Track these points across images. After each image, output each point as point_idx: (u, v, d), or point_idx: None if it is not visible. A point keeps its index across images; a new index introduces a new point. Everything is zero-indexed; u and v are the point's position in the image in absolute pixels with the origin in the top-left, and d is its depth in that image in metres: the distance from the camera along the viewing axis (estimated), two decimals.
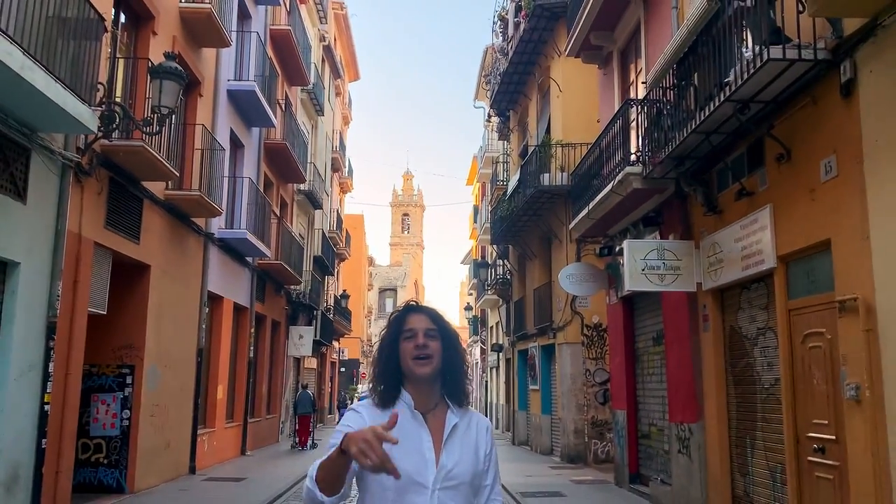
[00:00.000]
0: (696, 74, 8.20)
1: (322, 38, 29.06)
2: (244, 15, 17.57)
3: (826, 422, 6.50)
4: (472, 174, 44.77)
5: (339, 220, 35.59)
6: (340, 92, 35.61)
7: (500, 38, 22.82)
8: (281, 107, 20.42)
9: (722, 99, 7.09)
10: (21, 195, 7.97)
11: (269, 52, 19.05)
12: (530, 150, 18.99)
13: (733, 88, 6.83)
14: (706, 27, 7.73)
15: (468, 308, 38.02)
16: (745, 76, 6.58)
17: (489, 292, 28.74)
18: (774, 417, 7.56)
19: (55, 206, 8.68)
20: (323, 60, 29.61)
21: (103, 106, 9.02)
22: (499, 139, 27.69)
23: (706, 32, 7.77)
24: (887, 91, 5.58)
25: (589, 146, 13.10)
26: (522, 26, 18.77)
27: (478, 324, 38.21)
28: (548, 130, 18.56)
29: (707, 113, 7.48)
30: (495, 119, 26.85)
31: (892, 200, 5.51)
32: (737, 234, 8.15)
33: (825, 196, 6.41)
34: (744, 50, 6.77)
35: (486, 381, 35.56)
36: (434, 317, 2.33)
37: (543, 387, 19.53)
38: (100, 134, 8.84)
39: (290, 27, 20.50)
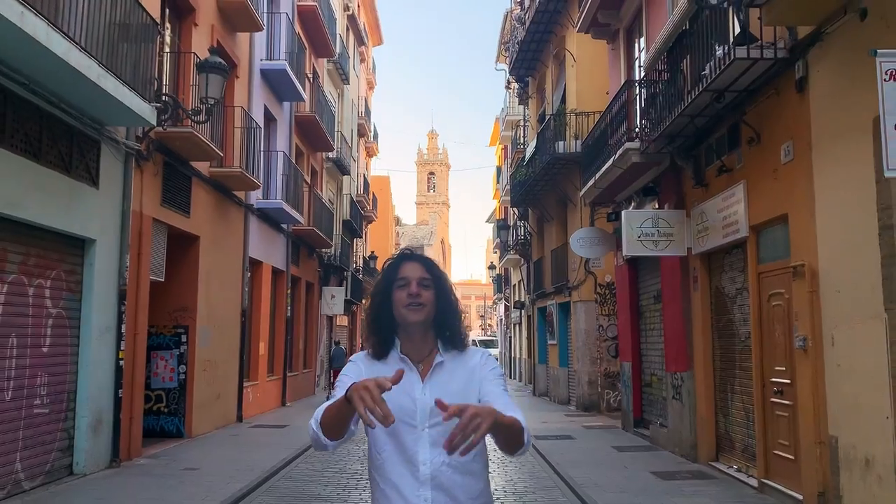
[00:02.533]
0: (684, 61, 9.17)
1: (346, 8, 29.90)
2: None
3: (784, 368, 7.64)
4: (494, 135, 45.58)
5: (366, 184, 36.79)
6: (365, 58, 36.48)
7: (518, 8, 23.53)
8: (309, 80, 21.50)
9: (700, 89, 8.10)
10: (94, 182, 9.25)
11: (297, 29, 20.08)
12: (547, 116, 19.92)
13: (709, 81, 7.83)
14: (690, 21, 8.69)
15: (492, 267, 39.28)
16: (718, 71, 7.58)
17: (511, 252, 29.89)
18: (748, 366, 8.69)
19: (121, 189, 9.96)
20: (347, 29, 30.49)
21: (157, 98, 10.20)
22: (519, 104, 28.51)
23: (691, 25, 8.73)
24: (830, 89, 6.56)
25: (601, 114, 14.03)
26: None
27: (501, 282, 39.46)
28: (563, 99, 19.42)
29: (689, 100, 8.48)
30: (515, 85, 27.63)
31: (832, 183, 6.53)
32: (719, 205, 9.19)
33: (785, 176, 7.44)
34: (716, 47, 7.74)
35: (510, 337, 36.93)
36: (428, 266, 2.31)
37: (561, 341, 20.77)
38: (156, 124, 10.03)
39: (315, 3, 21.44)
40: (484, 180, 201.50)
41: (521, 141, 26.68)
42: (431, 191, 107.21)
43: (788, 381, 7.52)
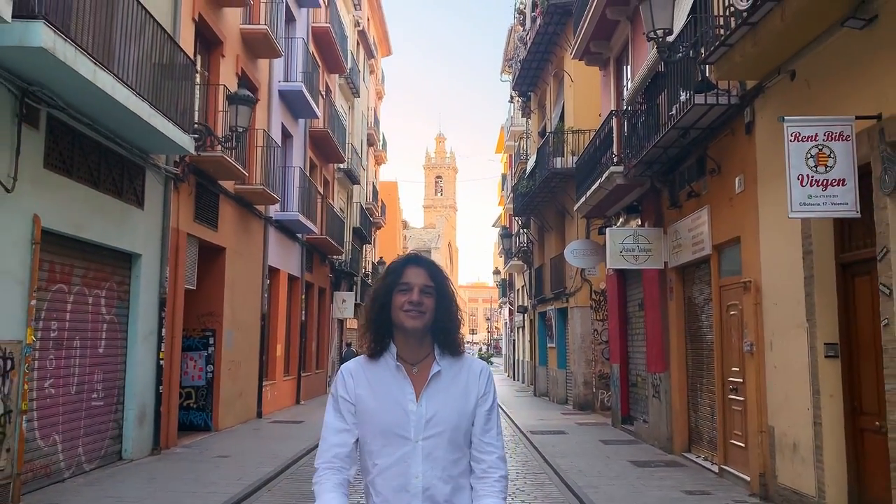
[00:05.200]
0: (660, 97, 10.40)
1: (357, 24, 31.20)
2: (290, 18, 19.89)
3: (738, 369, 8.87)
4: (500, 143, 46.81)
5: (375, 192, 38.08)
6: (374, 70, 37.79)
7: (521, 28, 24.78)
8: (322, 96, 22.81)
9: (669, 126, 9.34)
10: (140, 203, 10.56)
11: (311, 49, 21.39)
12: (548, 132, 21.16)
13: (675, 120, 9.08)
14: (664, 63, 9.91)
15: (496, 272, 40.49)
16: (682, 113, 8.83)
17: (514, 259, 31.14)
18: (713, 367, 9.92)
19: (161, 208, 11.26)
20: (358, 44, 31.79)
21: (193, 129, 11.49)
22: (522, 116, 29.76)
23: (665, 67, 9.95)
24: (770, 134, 7.77)
25: (594, 133, 15.23)
26: (538, 21, 20.78)
27: (506, 286, 40.69)
28: (562, 116, 20.65)
29: (661, 134, 9.72)
30: (518, 99, 28.88)
31: (772, 213, 7.74)
32: (689, 225, 10.42)
33: (738, 204, 8.67)
34: (681, 92, 8.99)
35: (514, 340, 38.15)
36: (433, 272, 2.28)
37: (559, 344, 22.01)
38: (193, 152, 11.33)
39: (329, 24, 22.76)
40: (492, 182, 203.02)
41: (524, 152, 27.92)
42: (439, 194, 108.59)
43: (741, 380, 8.75)
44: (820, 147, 5.91)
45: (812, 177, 5.90)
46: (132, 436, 10.39)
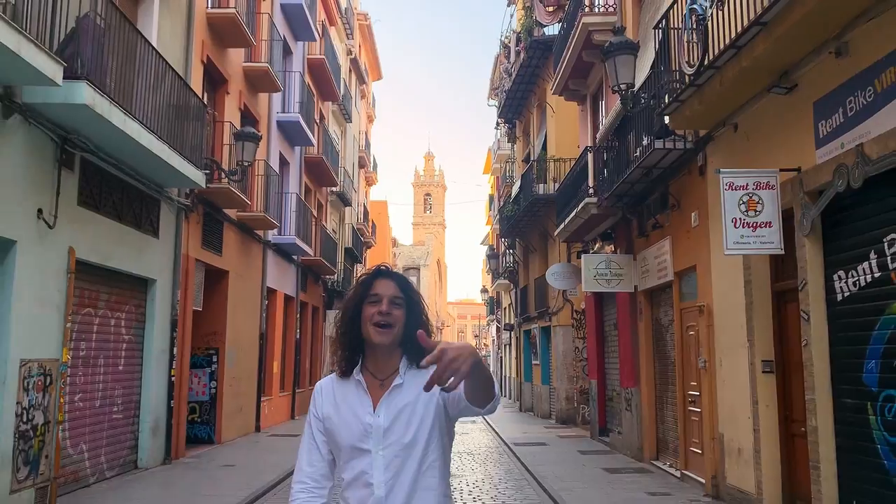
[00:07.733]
0: (629, 136, 11.53)
1: (349, 52, 32.39)
2: (287, 52, 20.99)
3: (695, 384, 9.94)
4: (487, 164, 48.06)
5: (366, 213, 39.14)
6: (365, 94, 38.96)
7: (506, 60, 26.01)
8: (317, 124, 23.90)
9: (634, 166, 10.45)
10: (156, 233, 11.55)
11: (307, 79, 22.50)
12: (531, 159, 22.31)
13: (639, 161, 10.19)
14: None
15: (484, 291, 41.50)
16: (644, 155, 9.94)
17: (501, 278, 32.22)
18: (676, 382, 10.97)
19: (173, 237, 12.26)
20: (350, 72, 32.96)
21: (203, 164, 12.51)
22: (507, 141, 30.96)
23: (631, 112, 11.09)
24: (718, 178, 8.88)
25: (574, 162, 16.34)
26: (522, 55, 21.99)
27: (493, 304, 41.73)
28: (544, 145, 21.81)
29: (628, 172, 10.84)
30: (504, 125, 30.09)
31: (720, 246, 8.74)
32: (655, 253, 11.51)
33: (694, 236, 9.77)
34: (644, 137, 10.12)
35: (501, 357, 39.16)
36: (402, 284, 2.29)
37: (543, 362, 23.04)
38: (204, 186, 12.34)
39: (324, 56, 23.89)
40: (479, 203, 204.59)
41: (510, 176, 29.10)
42: (428, 212, 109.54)
43: (698, 394, 9.82)
44: (750, 195, 7.01)
45: (744, 220, 7.00)
46: (147, 446, 11.31)
